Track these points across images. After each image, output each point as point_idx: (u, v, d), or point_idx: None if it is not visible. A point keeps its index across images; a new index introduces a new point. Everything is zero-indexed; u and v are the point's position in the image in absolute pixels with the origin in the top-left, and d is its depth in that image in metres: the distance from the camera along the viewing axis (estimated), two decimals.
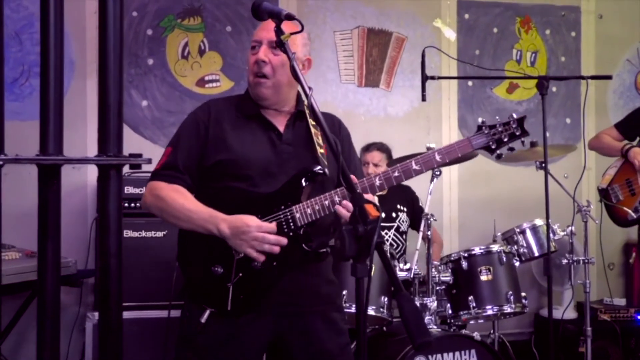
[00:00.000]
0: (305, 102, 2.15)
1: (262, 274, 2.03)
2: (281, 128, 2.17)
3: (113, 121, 1.04)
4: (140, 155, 1.06)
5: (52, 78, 1.03)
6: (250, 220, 1.96)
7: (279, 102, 2.18)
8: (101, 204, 1.05)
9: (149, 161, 1.06)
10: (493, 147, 2.11)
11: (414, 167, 2.05)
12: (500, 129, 2.11)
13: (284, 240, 1.98)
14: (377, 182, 2.05)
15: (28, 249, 3.18)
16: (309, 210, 2.01)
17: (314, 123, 2.18)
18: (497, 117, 2.18)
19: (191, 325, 2.08)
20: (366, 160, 3.99)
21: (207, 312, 2.04)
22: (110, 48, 1.04)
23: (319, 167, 2.06)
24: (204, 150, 2.12)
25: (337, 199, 1.99)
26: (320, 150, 2.13)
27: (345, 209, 1.95)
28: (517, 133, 2.12)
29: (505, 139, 2.12)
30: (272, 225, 1.99)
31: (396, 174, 2.05)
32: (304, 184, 2.04)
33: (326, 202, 2.00)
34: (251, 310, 2.06)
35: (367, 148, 4.07)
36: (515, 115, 2.14)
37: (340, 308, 2.29)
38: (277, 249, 1.97)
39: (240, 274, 2.03)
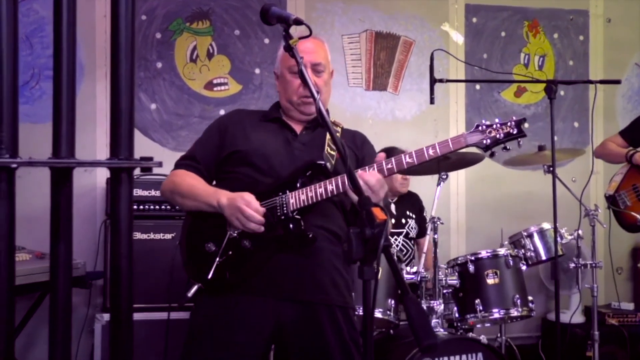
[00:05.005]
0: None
1: (252, 254, 2.10)
2: (298, 130, 2.30)
3: (124, 125, 1.05)
4: (151, 159, 1.07)
5: (64, 81, 1.04)
6: (247, 195, 2.08)
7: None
8: (112, 207, 1.06)
9: (160, 164, 1.07)
10: (488, 143, 2.08)
11: (407, 159, 2.07)
12: (496, 127, 2.10)
13: (261, 220, 2.05)
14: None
15: (38, 250, 3.21)
16: (302, 197, 2.09)
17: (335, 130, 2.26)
18: (496, 119, 2.16)
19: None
20: None
21: (195, 287, 2.13)
22: (122, 53, 1.05)
23: (322, 161, 2.15)
24: (222, 146, 2.27)
25: (330, 187, 2.06)
26: (330, 151, 2.22)
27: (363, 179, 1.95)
28: (513, 132, 2.09)
29: (501, 137, 2.09)
30: (260, 208, 2.07)
31: (389, 165, 2.06)
32: (306, 174, 2.13)
33: (320, 190, 2.07)
34: (241, 291, 2.12)
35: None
36: (515, 118, 2.13)
37: (347, 308, 2.20)
38: (253, 226, 2.05)
39: (230, 252, 2.12)
